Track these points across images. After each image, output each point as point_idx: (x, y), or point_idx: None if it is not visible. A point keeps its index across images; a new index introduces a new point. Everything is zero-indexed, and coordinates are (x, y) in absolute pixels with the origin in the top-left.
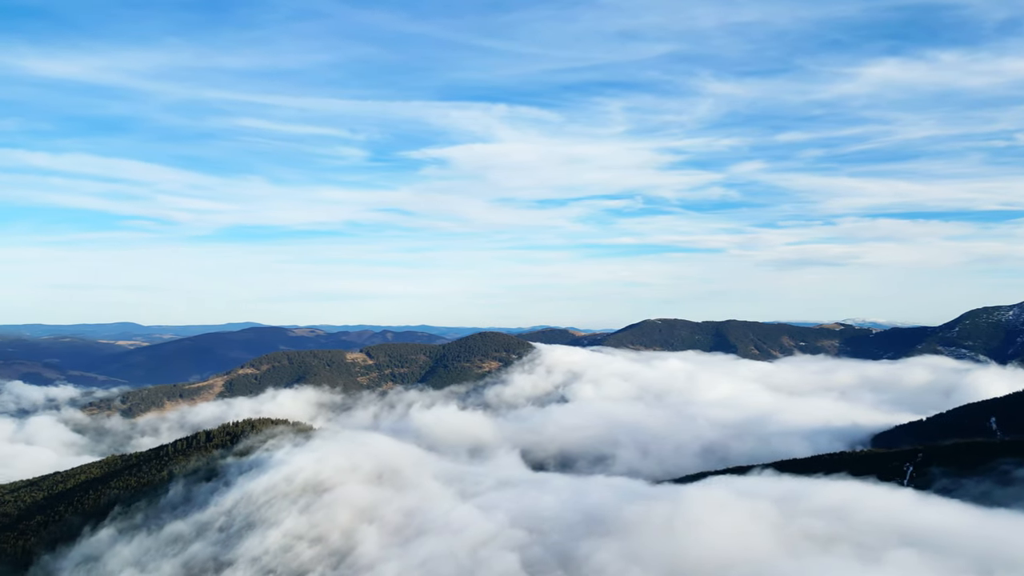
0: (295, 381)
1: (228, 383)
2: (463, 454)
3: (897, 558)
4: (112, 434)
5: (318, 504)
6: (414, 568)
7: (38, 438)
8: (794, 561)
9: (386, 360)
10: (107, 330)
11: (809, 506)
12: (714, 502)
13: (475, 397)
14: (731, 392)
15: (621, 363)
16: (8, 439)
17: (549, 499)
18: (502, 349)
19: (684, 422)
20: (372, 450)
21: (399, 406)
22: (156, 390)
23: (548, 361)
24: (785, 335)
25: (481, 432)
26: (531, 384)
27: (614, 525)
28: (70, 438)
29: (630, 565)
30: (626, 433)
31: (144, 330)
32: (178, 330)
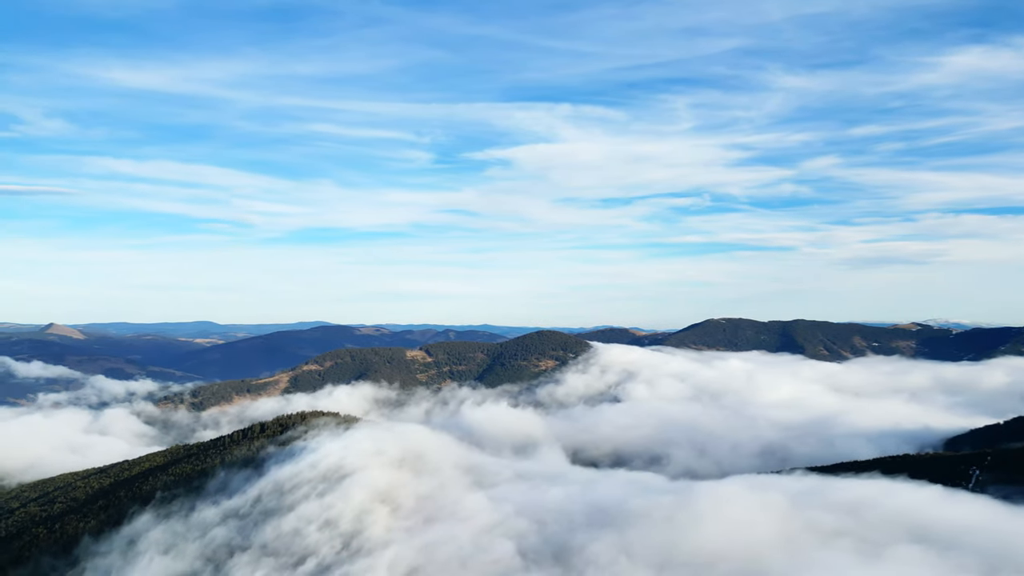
0: (356, 378)
1: (293, 379)
2: (509, 450)
3: (898, 554)
4: (178, 426)
5: (337, 489)
6: (415, 551)
7: (112, 429)
8: (787, 554)
9: (445, 358)
10: (186, 328)
11: (824, 501)
12: (722, 496)
13: (527, 395)
14: (793, 393)
15: (679, 363)
16: (84, 430)
17: (557, 492)
18: (559, 348)
19: (743, 423)
20: (400, 439)
21: (452, 403)
22: (225, 385)
23: (604, 360)
24: (857, 335)
25: (529, 429)
26: (584, 383)
27: (615, 517)
28: (141, 429)
29: (621, 556)
30: (681, 433)
31: (220, 328)
32: (252, 328)
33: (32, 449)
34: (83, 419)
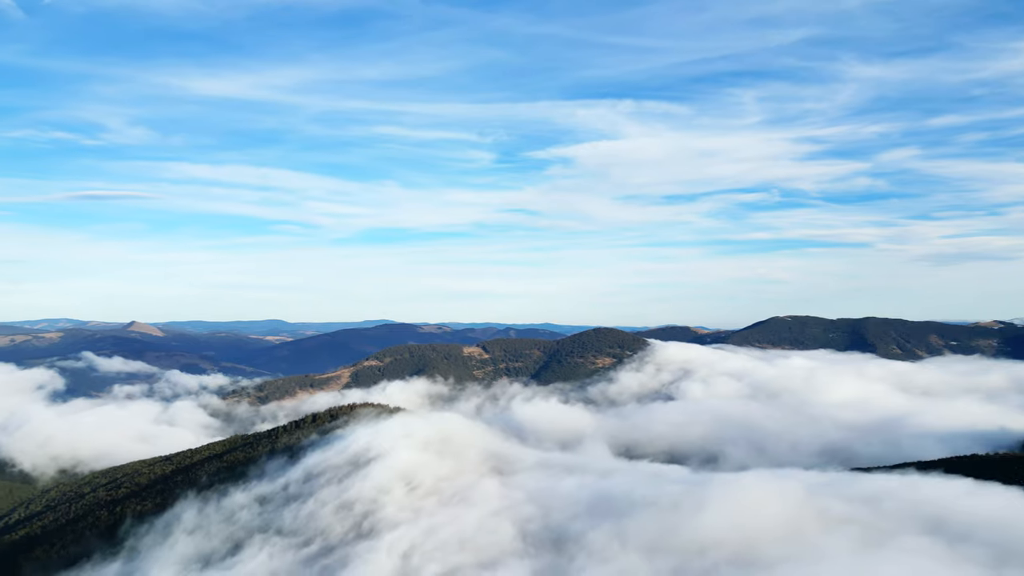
0: (415, 374)
1: (354, 374)
2: (554, 446)
3: (903, 544)
4: (240, 419)
5: (359, 473)
6: (419, 532)
7: (179, 420)
8: (783, 542)
9: (501, 355)
10: (258, 326)
11: (842, 492)
12: (734, 486)
13: (579, 392)
14: (859, 392)
15: (738, 361)
16: (154, 421)
17: (571, 480)
18: (616, 345)
19: (803, 422)
20: (430, 426)
21: (503, 398)
22: (289, 380)
23: (660, 358)
24: (933, 334)
25: (577, 425)
26: (637, 381)
27: (619, 506)
28: (206, 421)
29: (614, 542)
30: (738, 431)
31: (290, 327)
32: (319, 326)
33: (105, 438)
34: (154, 411)
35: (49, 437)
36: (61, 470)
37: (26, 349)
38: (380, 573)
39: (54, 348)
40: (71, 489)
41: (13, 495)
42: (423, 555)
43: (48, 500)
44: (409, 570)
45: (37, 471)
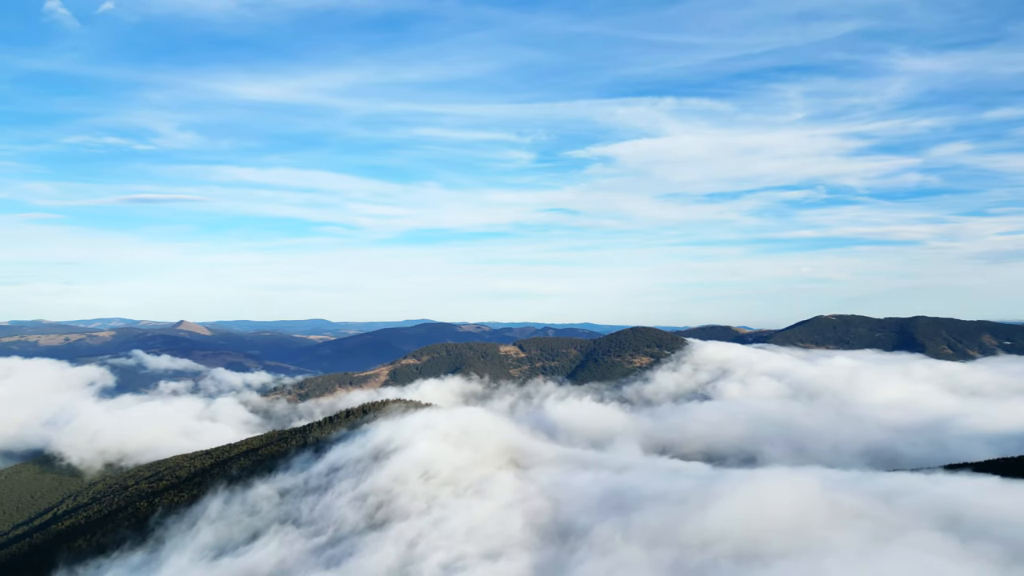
0: (451, 372)
1: (392, 372)
2: (585, 444)
3: (913, 539)
4: (278, 415)
5: (378, 465)
6: (430, 522)
7: (220, 416)
8: (788, 535)
9: (537, 353)
10: (302, 326)
11: (860, 489)
12: (746, 481)
13: (614, 391)
14: (905, 392)
15: (778, 361)
16: (197, 416)
17: (585, 475)
18: (654, 345)
19: (846, 422)
20: (451, 420)
21: (536, 397)
22: (329, 378)
23: (698, 357)
24: (987, 333)
25: (610, 425)
26: (674, 380)
27: (628, 500)
28: (246, 417)
29: (616, 535)
30: (777, 431)
31: (333, 326)
32: (361, 326)
33: (150, 433)
34: (197, 407)
35: (97, 432)
36: (107, 464)
37: (80, 347)
38: (384, 562)
39: (106, 346)
40: (116, 482)
41: (63, 487)
42: (428, 544)
43: (95, 492)
44: (413, 558)
45: (84, 464)
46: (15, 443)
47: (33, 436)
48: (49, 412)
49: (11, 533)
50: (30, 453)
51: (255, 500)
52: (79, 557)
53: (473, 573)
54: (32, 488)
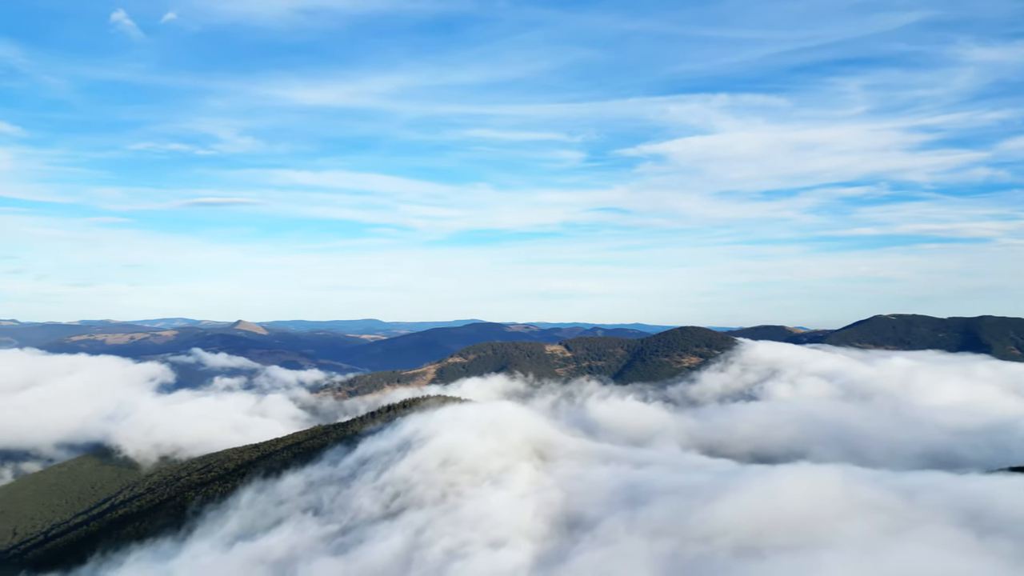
0: (497, 370)
1: (439, 371)
2: (626, 443)
3: (926, 533)
4: (325, 411)
5: (402, 457)
6: (443, 511)
7: (270, 412)
8: (797, 528)
9: (584, 353)
10: (355, 326)
11: (884, 485)
12: (765, 477)
13: (659, 391)
14: (966, 394)
15: (831, 361)
16: (248, 412)
17: (603, 469)
18: (704, 344)
19: (902, 424)
20: (480, 413)
21: (579, 396)
22: (377, 376)
23: (748, 357)
24: None
25: (652, 424)
26: (720, 381)
27: (639, 494)
28: (295, 413)
29: (623, 527)
30: (829, 433)
31: (384, 326)
32: (412, 326)
33: (203, 427)
34: (248, 403)
35: (153, 426)
36: (162, 456)
37: (144, 346)
38: (390, 550)
39: (168, 345)
40: (170, 474)
41: (121, 478)
42: (436, 531)
43: (150, 483)
44: (419, 545)
45: (141, 457)
46: (78, 436)
47: (95, 430)
48: (110, 407)
49: (72, 521)
50: (91, 446)
51: (284, 490)
52: (118, 544)
53: (474, 560)
54: (93, 479)
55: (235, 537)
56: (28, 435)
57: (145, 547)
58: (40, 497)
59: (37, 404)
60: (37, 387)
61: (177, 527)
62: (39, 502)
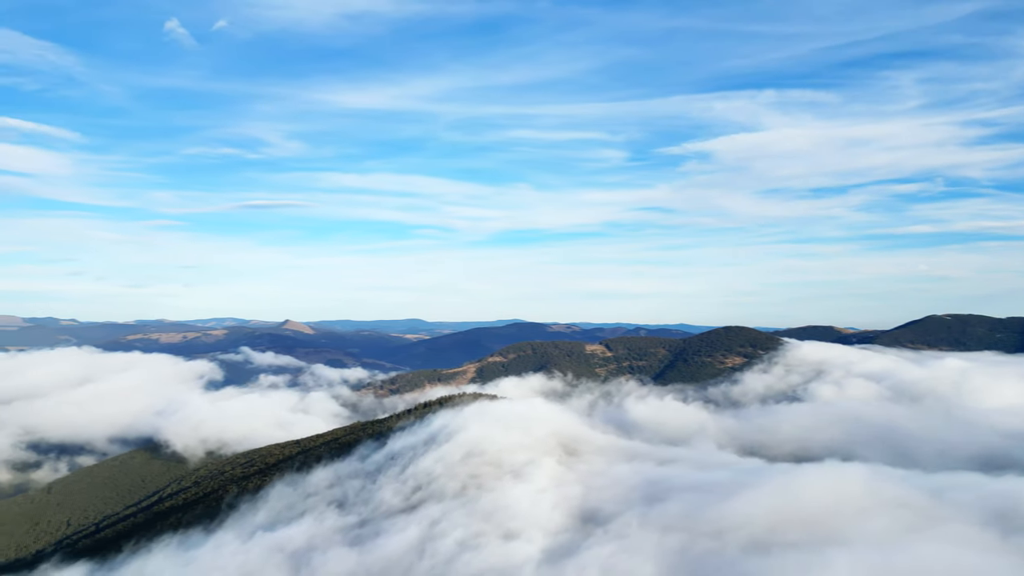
0: (536, 370)
1: (479, 369)
2: (662, 443)
3: (948, 531)
4: (365, 409)
5: (427, 452)
6: (460, 503)
7: (312, 409)
8: (811, 525)
9: (624, 352)
10: (399, 325)
11: (914, 484)
12: (788, 473)
13: (700, 392)
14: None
15: (881, 361)
16: (291, 409)
17: (626, 466)
18: (748, 344)
19: (954, 426)
20: (507, 410)
21: (618, 396)
22: (418, 374)
23: (793, 358)
24: None
25: (691, 425)
26: (763, 382)
27: (657, 490)
28: (336, 410)
29: (636, 522)
30: (876, 435)
31: (428, 325)
32: (454, 325)
33: (247, 424)
34: (292, 400)
35: (200, 422)
36: (208, 451)
37: (196, 345)
38: (404, 541)
39: (219, 344)
40: (216, 468)
41: (170, 472)
42: (451, 523)
43: (196, 477)
44: (432, 536)
45: (188, 452)
46: (130, 431)
47: (145, 425)
48: (160, 403)
49: (122, 513)
50: (142, 440)
51: (313, 484)
52: (155, 535)
53: (484, 551)
54: (143, 473)
55: (259, 528)
56: (84, 430)
57: (176, 537)
58: (93, 490)
59: (92, 400)
60: (93, 384)
61: (212, 519)
62: (92, 494)
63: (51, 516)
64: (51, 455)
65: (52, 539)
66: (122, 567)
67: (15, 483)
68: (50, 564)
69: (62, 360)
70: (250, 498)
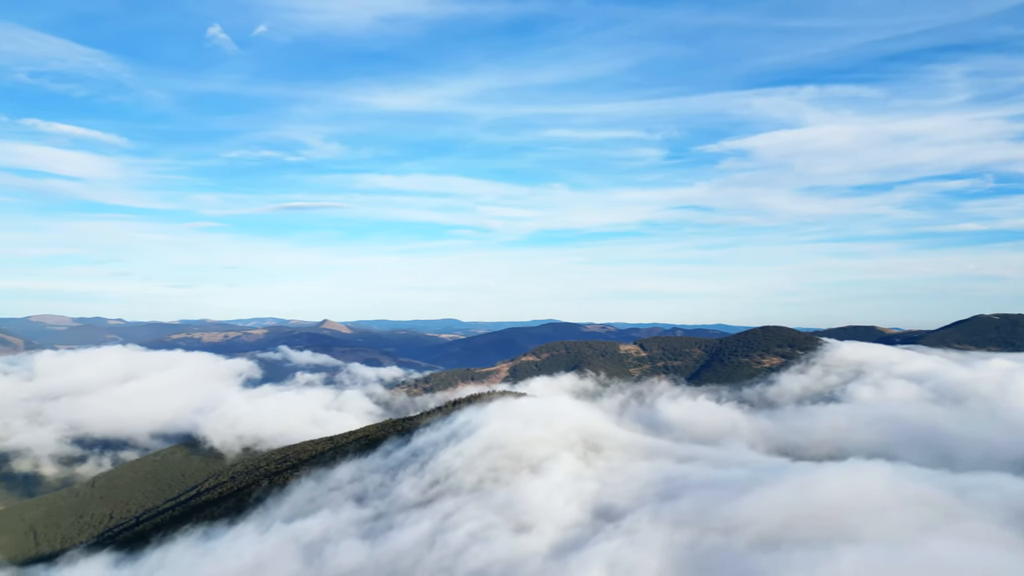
0: (569, 369)
1: (512, 369)
2: (693, 443)
3: (966, 529)
4: (397, 407)
5: (445, 448)
6: (474, 497)
7: (346, 407)
8: (822, 521)
9: (659, 352)
10: (434, 325)
11: (939, 484)
12: (808, 472)
13: (734, 392)
14: None
15: (923, 362)
16: (326, 406)
17: (644, 463)
18: (786, 344)
19: (999, 429)
20: (532, 407)
21: (650, 395)
22: (452, 373)
23: (831, 358)
24: None
25: (724, 425)
26: (799, 382)
27: (673, 487)
28: (370, 408)
29: (647, 517)
30: (917, 437)
31: (463, 325)
32: (490, 325)
33: (283, 420)
34: (326, 398)
35: (237, 419)
36: (245, 448)
37: (237, 344)
38: (415, 535)
39: (258, 343)
40: (251, 464)
41: (208, 468)
42: (463, 516)
43: (233, 472)
44: (443, 528)
45: (225, 447)
46: (170, 427)
47: (185, 421)
48: (200, 401)
49: (162, 507)
50: (182, 436)
51: (337, 479)
52: (182, 529)
53: (493, 544)
54: (183, 468)
55: (277, 520)
56: (127, 426)
57: (200, 531)
58: (135, 484)
59: (136, 397)
60: (136, 381)
61: (239, 512)
62: (134, 489)
63: (95, 509)
64: (96, 450)
65: (95, 532)
66: (145, 557)
67: (61, 477)
68: (77, 553)
69: (107, 358)
70: (277, 492)
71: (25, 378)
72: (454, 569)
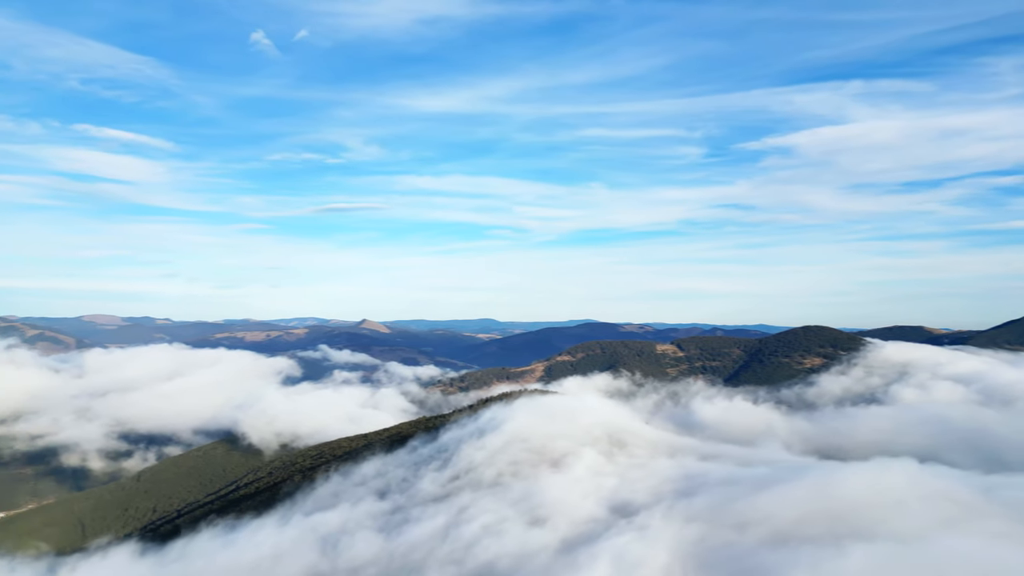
0: (605, 369)
1: (547, 368)
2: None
3: (986, 527)
4: (431, 405)
5: (469, 444)
6: (492, 491)
7: (382, 405)
8: (839, 522)
9: (697, 353)
10: (471, 325)
11: (967, 483)
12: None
13: (772, 393)
14: None
15: (972, 363)
16: (362, 404)
17: (666, 460)
18: (828, 345)
19: None
20: (558, 404)
21: (685, 396)
22: (487, 372)
23: (875, 359)
24: None
25: (760, 426)
26: (840, 383)
27: (691, 485)
28: (404, 406)
29: (662, 513)
30: (962, 439)
31: (500, 325)
32: (526, 325)
33: (320, 418)
34: (362, 396)
35: (275, 416)
36: (282, 444)
37: (278, 343)
38: (433, 525)
39: (299, 342)
40: (288, 460)
41: (247, 463)
42: (479, 509)
43: (270, 468)
44: (458, 522)
45: (263, 444)
46: (212, 424)
47: (226, 418)
48: (240, 398)
49: (202, 501)
50: (223, 433)
51: (363, 474)
52: (211, 523)
53: (505, 537)
54: (224, 463)
55: (301, 512)
56: (171, 422)
57: (226, 523)
58: (178, 479)
59: (179, 394)
60: (180, 379)
61: (268, 506)
62: (176, 483)
63: (139, 503)
64: (141, 445)
65: (139, 524)
66: (169, 547)
67: (108, 471)
68: (108, 543)
69: (153, 356)
70: (307, 487)
71: (75, 375)
72: (464, 562)
